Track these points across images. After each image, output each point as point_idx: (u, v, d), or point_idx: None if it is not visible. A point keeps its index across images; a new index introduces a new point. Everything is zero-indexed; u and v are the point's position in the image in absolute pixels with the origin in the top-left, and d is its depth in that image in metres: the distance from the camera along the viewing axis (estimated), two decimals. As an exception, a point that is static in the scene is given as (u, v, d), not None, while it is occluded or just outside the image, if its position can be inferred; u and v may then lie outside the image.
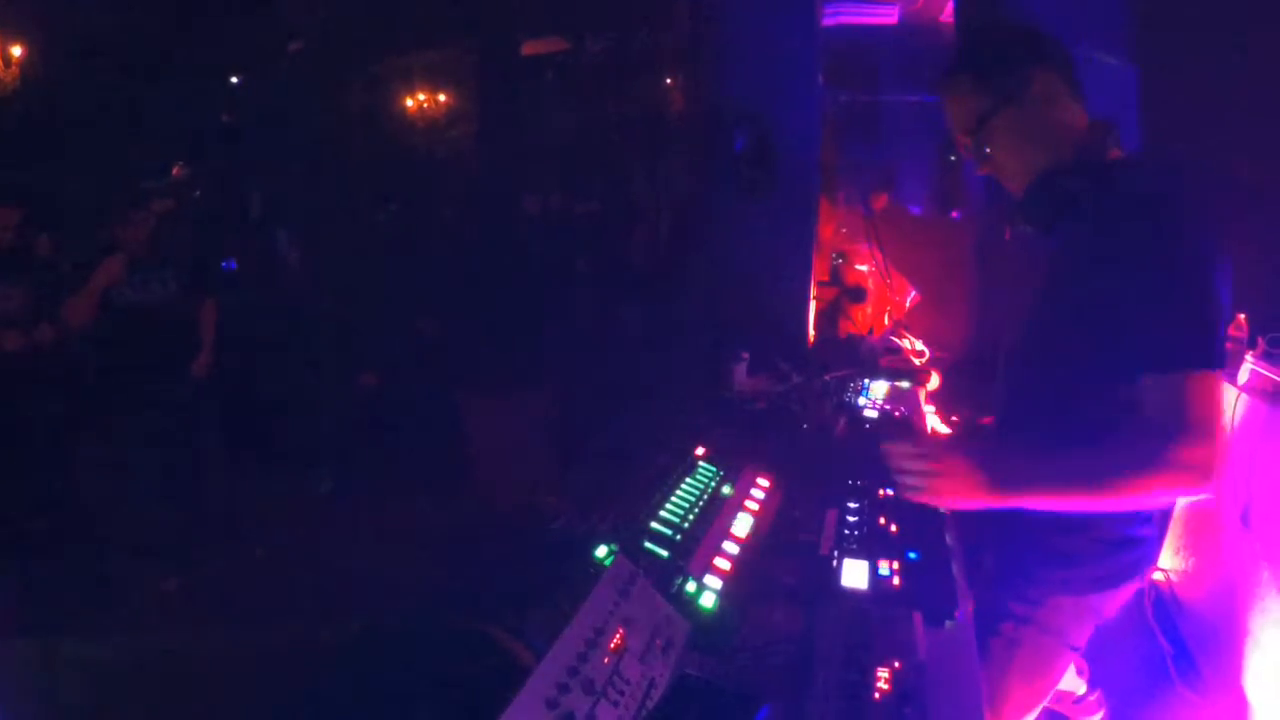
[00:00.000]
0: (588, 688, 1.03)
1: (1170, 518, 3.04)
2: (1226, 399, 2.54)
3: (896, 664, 1.17)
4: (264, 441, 4.22)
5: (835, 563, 1.46)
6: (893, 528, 1.60)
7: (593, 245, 6.86)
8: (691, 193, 3.77)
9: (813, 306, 3.37)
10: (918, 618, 1.28)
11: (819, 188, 3.36)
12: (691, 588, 1.38)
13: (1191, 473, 1.25)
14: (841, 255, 4.01)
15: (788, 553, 1.54)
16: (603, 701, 1.04)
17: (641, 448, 1.92)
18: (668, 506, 1.63)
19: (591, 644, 1.09)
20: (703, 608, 1.35)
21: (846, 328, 3.81)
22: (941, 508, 1.42)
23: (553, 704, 0.99)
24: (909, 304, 3.82)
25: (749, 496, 1.77)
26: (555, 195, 8.09)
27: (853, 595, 1.38)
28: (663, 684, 1.12)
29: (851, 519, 1.63)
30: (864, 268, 3.90)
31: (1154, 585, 3.01)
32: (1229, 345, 2.35)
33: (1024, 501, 1.37)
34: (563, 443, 3.73)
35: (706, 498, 1.71)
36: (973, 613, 1.41)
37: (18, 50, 7.63)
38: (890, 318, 3.81)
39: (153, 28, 7.43)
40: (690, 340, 3.28)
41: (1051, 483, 1.37)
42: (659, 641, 1.18)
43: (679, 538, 1.53)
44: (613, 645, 1.12)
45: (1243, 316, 2.73)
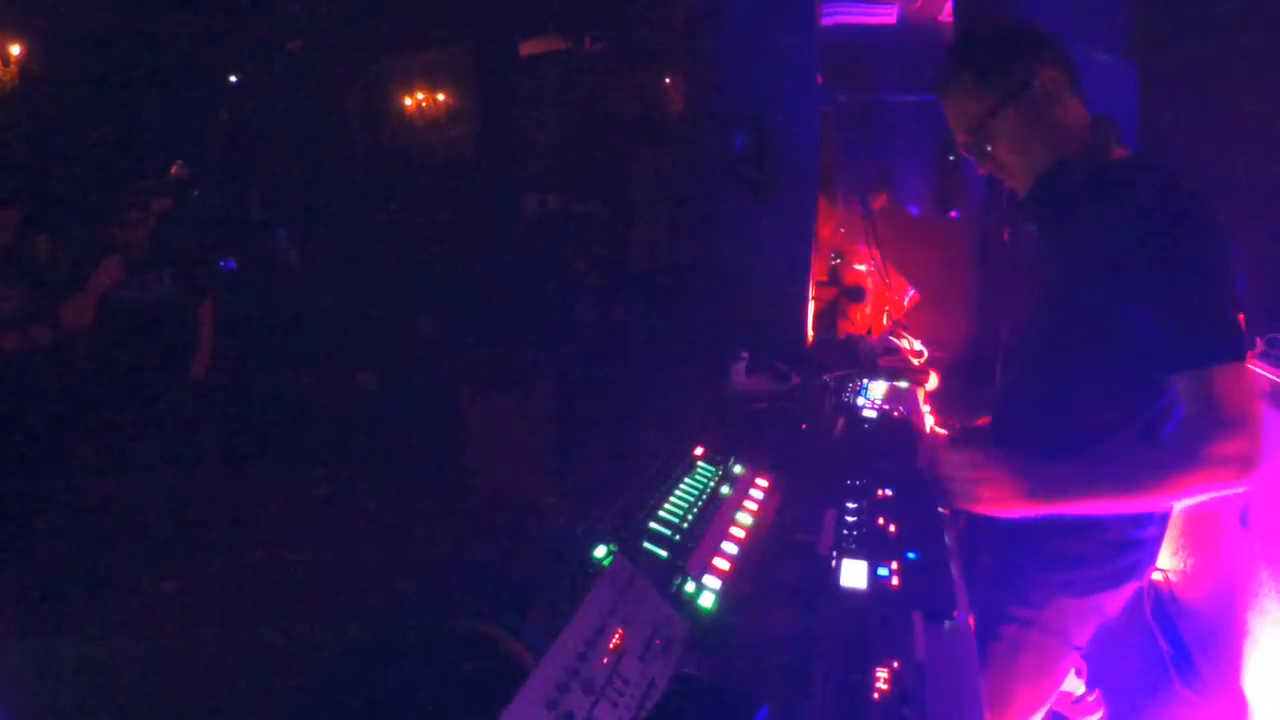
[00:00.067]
0: (587, 688, 1.03)
1: (1170, 517, 3.04)
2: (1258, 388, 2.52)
3: (896, 664, 1.17)
4: (263, 441, 4.22)
5: (834, 563, 1.46)
6: (891, 528, 1.60)
7: (592, 245, 6.86)
8: (691, 193, 3.77)
9: (811, 306, 3.37)
10: (917, 618, 1.29)
11: (818, 187, 3.36)
12: (690, 588, 1.38)
13: (1232, 466, 1.25)
14: (840, 255, 4.01)
15: (787, 553, 1.54)
16: (602, 701, 1.04)
17: (641, 448, 1.92)
18: (667, 506, 1.63)
19: (591, 644, 1.09)
20: (702, 608, 1.35)
21: (845, 328, 3.81)
22: (991, 514, 1.42)
23: (552, 704, 0.99)
24: (908, 304, 3.82)
25: (748, 497, 1.77)
26: (554, 195, 8.11)
27: (852, 595, 1.38)
28: (662, 684, 1.12)
29: (850, 519, 1.63)
30: (863, 267, 3.90)
31: (1153, 585, 3.01)
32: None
33: (1065, 507, 1.37)
34: (562, 443, 3.74)
35: (705, 498, 1.71)
36: (973, 618, 1.41)
37: (17, 50, 7.63)
38: (889, 318, 3.81)
39: (152, 27, 7.42)
40: (689, 340, 3.28)
41: (1093, 487, 1.36)
42: (658, 641, 1.18)
43: (678, 538, 1.53)
44: (612, 645, 1.12)
45: (1241, 316, 2.73)
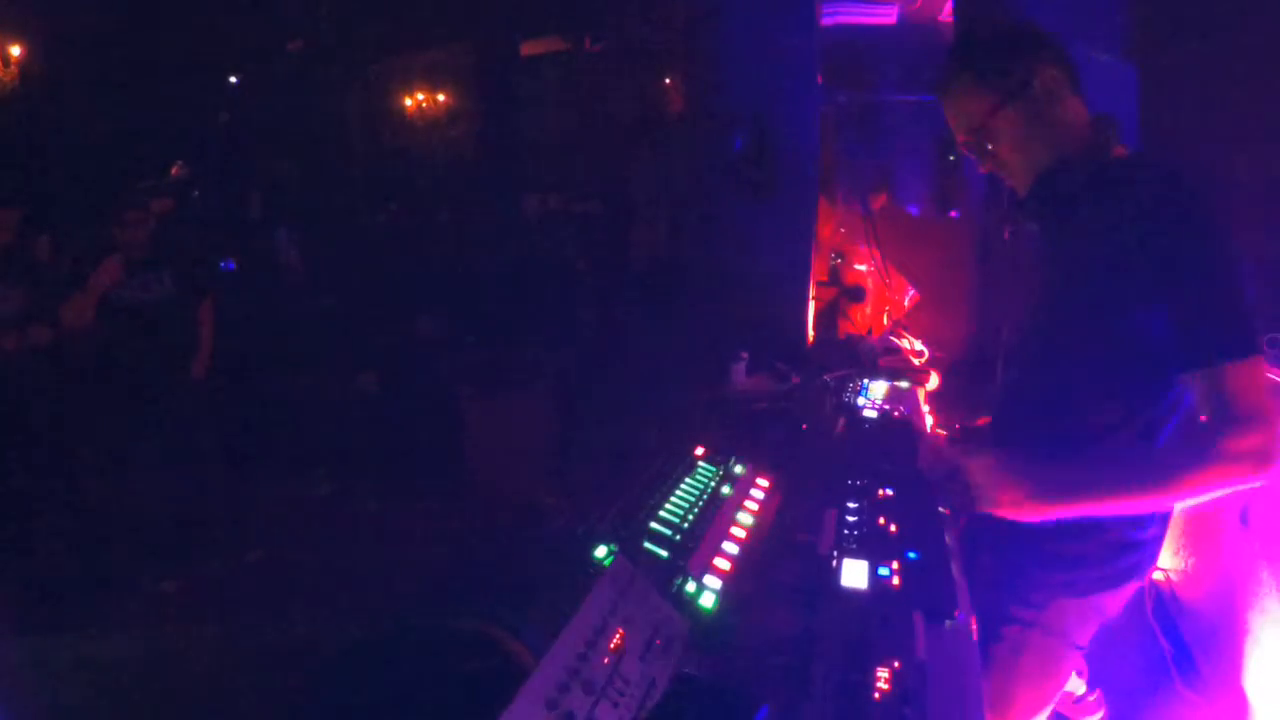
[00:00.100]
0: (588, 688, 1.03)
1: (1171, 517, 3.04)
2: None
3: (896, 664, 1.17)
4: (263, 441, 4.22)
5: (835, 563, 1.46)
6: (892, 527, 1.60)
7: (592, 245, 6.86)
8: (691, 193, 3.77)
9: (812, 306, 3.37)
10: (918, 617, 1.28)
11: (818, 187, 3.36)
12: (691, 588, 1.38)
13: (1248, 461, 1.24)
14: (840, 255, 4.01)
15: (787, 553, 1.54)
16: (602, 702, 1.04)
17: (641, 448, 1.92)
18: (667, 506, 1.63)
19: (591, 644, 1.09)
20: (702, 608, 1.35)
21: (845, 328, 3.81)
22: (1009, 517, 1.41)
23: (552, 704, 0.98)
24: (908, 304, 3.81)
25: (748, 497, 1.77)
26: (554, 195, 8.11)
27: (852, 595, 1.38)
28: (663, 684, 1.12)
29: (851, 519, 1.63)
30: (863, 267, 3.90)
31: (1154, 585, 3.01)
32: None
33: (1082, 509, 1.37)
34: (562, 443, 3.74)
35: (706, 498, 1.71)
36: (974, 619, 1.41)
37: (17, 50, 7.63)
38: (889, 317, 3.81)
39: (152, 27, 7.42)
40: (689, 340, 3.28)
41: (1109, 488, 1.36)
42: (659, 641, 1.18)
43: (678, 538, 1.53)
44: (612, 645, 1.12)
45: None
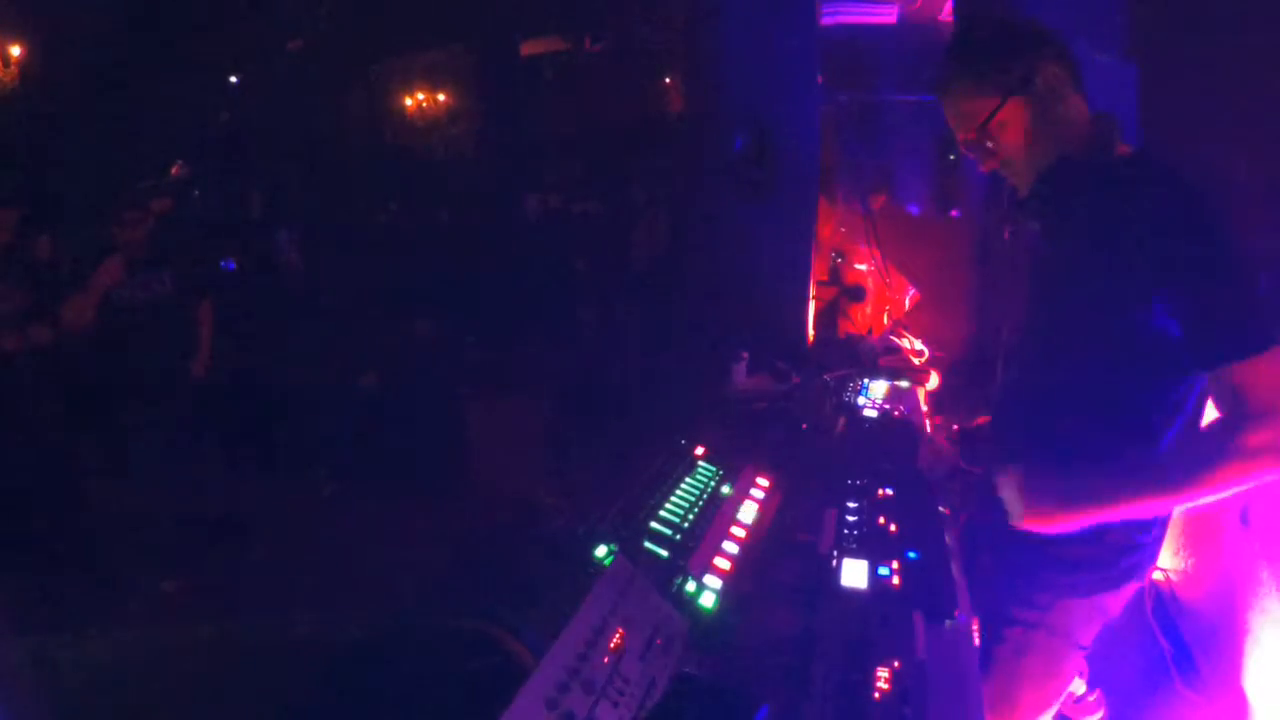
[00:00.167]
0: (588, 687, 1.03)
1: (1170, 518, 3.03)
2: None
3: (896, 663, 1.17)
4: (263, 441, 4.22)
5: (835, 562, 1.46)
6: (892, 527, 1.60)
7: (592, 245, 6.87)
8: (691, 193, 3.77)
9: (812, 306, 3.37)
10: (918, 617, 1.28)
11: (818, 187, 3.36)
12: (691, 587, 1.38)
13: (1268, 456, 1.23)
14: (840, 254, 4.01)
15: (787, 552, 1.54)
16: (603, 701, 1.04)
17: (641, 448, 1.92)
18: (667, 506, 1.63)
19: (591, 644, 1.09)
20: (702, 607, 1.35)
21: (846, 327, 3.81)
22: (1039, 531, 1.42)
23: (553, 704, 0.99)
24: (908, 303, 3.81)
25: (749, 496, 1.77)
26: (554, 195, 8.11)
27: (852, 595, 1.38)
28: (662, 683, 1.12)
29: (851, 519, 1.63)
30: (863, 267, 3.90)
31: (1154, 584, 3.01)
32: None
33: (1105, 516, 1.37)
34: (562, 443, 3.73)
35: (706, 497, 1.71)
36: (974, 620, 1.41)
37: (17, 50, 7.64)
38: (889, 317, 3.81)
39: (152, 28, 7.42)
40: (690, 340, 3.28)
41: (1132, 491, 1.35)
42: (659, 641, 1.18)
43: (679, 537, 1.53)
44: (612, 645, 1.12)
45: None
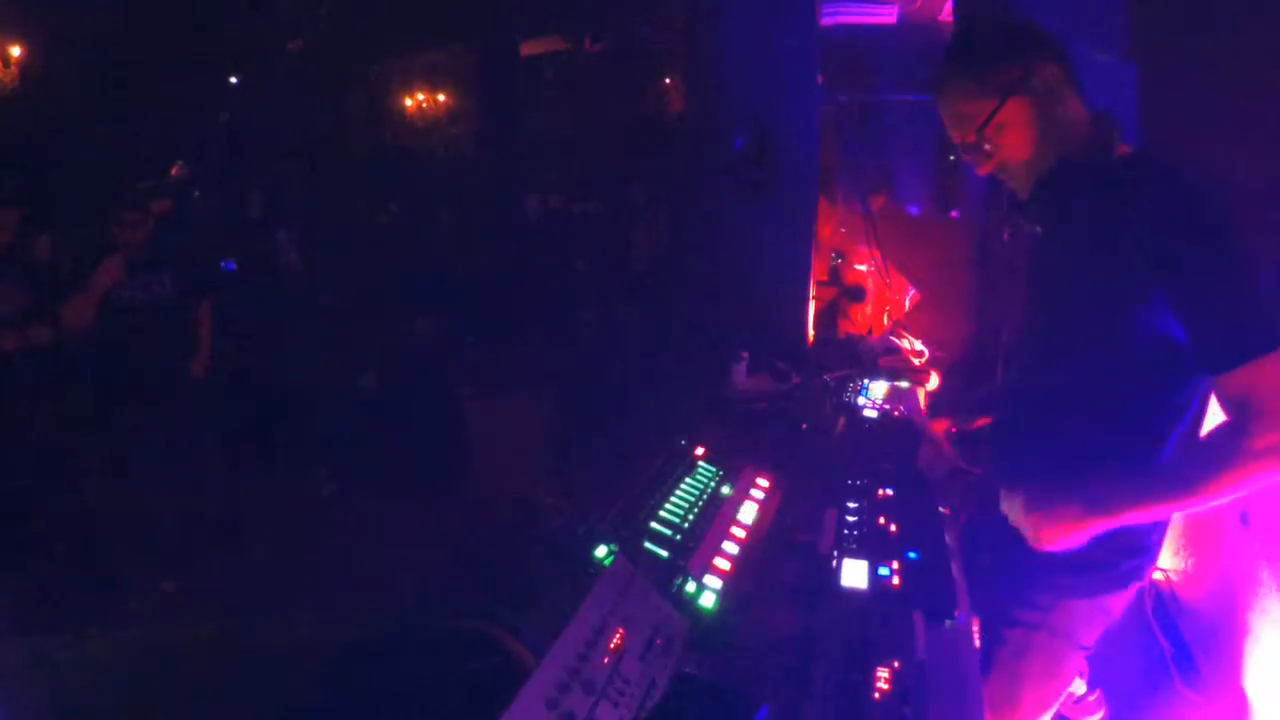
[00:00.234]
0: (588, 688, 1.03)
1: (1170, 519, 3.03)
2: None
3: (896, 664, 1.17)
4: (263, 441, 4.22)
5: (835, 562, 1.46)
6: (892, 527, 1.60)
7: (592, 245, 6.87)
8: (691, 193, 3.77)
9: (812, 306, 3.37)
10: (918, 617, 1.29)
11: (818, 187, 3.36)
12: (691, 588, 1.38)
13: (1274, 457, 1.22)
14: (840, 255, 4.01)
15: (787, 553, 1.54)
16: (603, 701, 1.04)
17: (641, 448, 1.92)
18: (667, 506, 1.63)
19: (591, 644, 1.09)
20: (702, 607, 1.35)
21: (846, 327, 3.81)
22: (1056, 549, 1.42)
23: (553, 704, 0.99)
24: (908, 304, 3.81)
25: (749, 496, 1.77)
26: (554, 195, 8.12)
27: (852, 595, 1.38)
28: (663, 684, 1.12)
29: (851, 519, 1.63)
30: (863, 267, 3.90)
31: (1154, 584, 3.00)
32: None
33: (1122, 521, 1.36)
34: (562, 443, 3.73)
35: (706, 498, 1.71)
36: (975, 620, 1.41)
37: (17, 50, 7.64)
38: (889, 317, 3.80)
39: (152, 27, 7.42)
40: (690, 340, 3.28)
41: (1141, 499, 1.35)
42: (659, 641, 1.18)
43: (679, 538, 1.53)
44: (613, 645, 1.12)
45: None
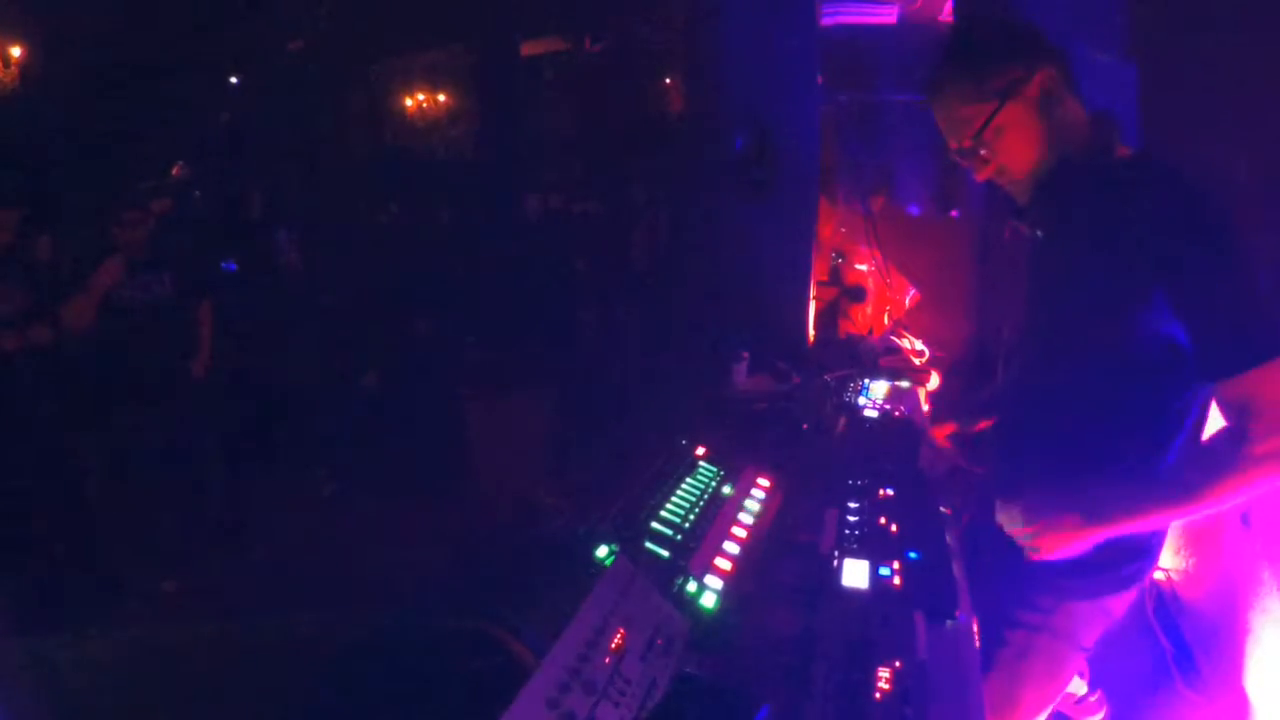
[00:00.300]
0: (589, 688, 1.03)
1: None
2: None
3: (897, 664, 1.17)
4: (264, 442, 4.22)
5: (836, 562, 1.46)
6: (893, 527, 1.60)
7: (592, 245, 6.87)
8: (691, 193, 3.77)
9: (812, 306, 3.37)
10: (919, 617, 1.28)
11: (818, 187, 3.36)
12: (692, 587, 1.38)
13: (1274, 463, 1.21)
14: (841, 255, 4.00)
15: (788, 553, 1.54)
16: (604, 702, 1.03)
17: (642, 448, 1.92)
18: (668, 506, 1.63)
19: (592, 644, 1.09)
20: (703, 607, 1.35)
21: (846, 327, 3.81)
22: (1055, 558, 1.42)
23: (554, 704, 0.98)
24: (908, 303, 3.81)
25: (749, 496, 1.77)
26: (554, 195, 8.12)
27: (853, 595, 1.38)
28: (663, 684, 1.12)
29: (852, 519, 1.63)
30: (864, 267, 3.90)
31: (1155, 585, 3.00)
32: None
33: (1122, 529, 1.36)
34: (563, 443, 3.73)
35: (707, 498, 1.71)
36: (976, 619, 1.41)
37: (18, 51, 7.64)
38: (890, 317, 3.80)
39: (152, 27, 7.43)
40: (690, 340, 3.28)
41: (1144, 504, 1.35)
42: (659, 641, 1.18)
43: (680, 538, 1.53)
44: (613, 645, 1.12)
45: None
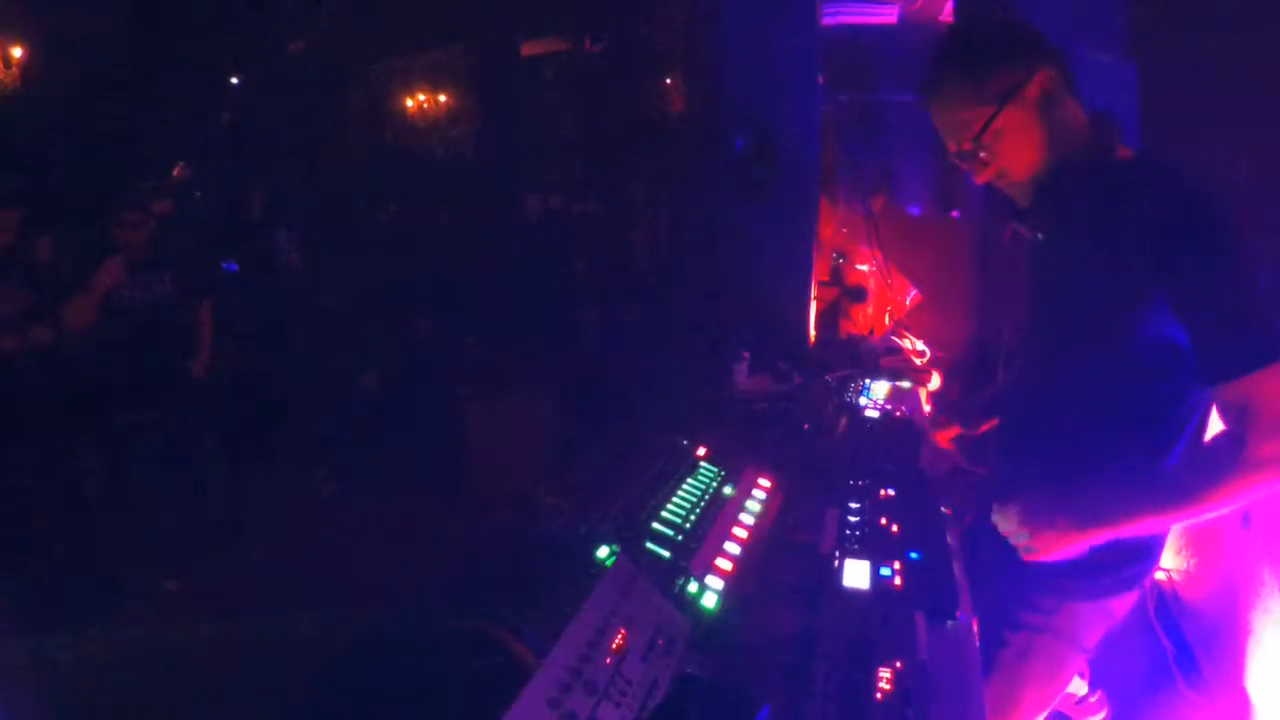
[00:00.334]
0: (590, 688, 1.03)
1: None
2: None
3: (898, 664, 1.17)
4: (264, 442, 4.22)
5: (837, 563, 1.46)
6: (894, 528, 1.59)
7: (592, 245, 6.87)
8: (691, 193, 3.77)
9: (813, 306, 3.37)
10: (919, 617, 1.28)
11: (819, 188, 3.36)
12: (693, 588, 1.38)
13: (1275, 467, 1.20)
14: (842, 255, 4.00)
15: (789, 553, 1.54)
16: (605, 702, 1.03)
17: (642, 448, 1.92)
18: (669, 507, 1.63)
19: (593, 644, 1.09)
20: (704, 608, 1.35)
21: (847, 328, 3.81)
22: (1052, 560, 1.40)
23: (555, 704, 0.98)
24: (909, 304, 3.81)
25: (750, 497, 1.76)
26: (554, 195, 8.12)
27: (854, 595, 1.38)
28: (664, 684, 1.12)
29: (853, 519, 1.63)
30: (864, 267, 3.90)
31: (1156, 585, 3.00)
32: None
33: (1119, 532, 1.35)
34: (563, 443, 3.73)
35: (708, 498, 1.71)
36: (976, 619, 1.41)
37: (18, 51, 7.64)
38: (891, 317, 3.80)
39: (153, 27, 7.43)
40: (690, 340, 3.28)
41: (1143, 507, 1.33)
42: (660, 641, 1.18)
43: (680, 538, 1.53)
44: (614, 645, 1.11)
45: None
